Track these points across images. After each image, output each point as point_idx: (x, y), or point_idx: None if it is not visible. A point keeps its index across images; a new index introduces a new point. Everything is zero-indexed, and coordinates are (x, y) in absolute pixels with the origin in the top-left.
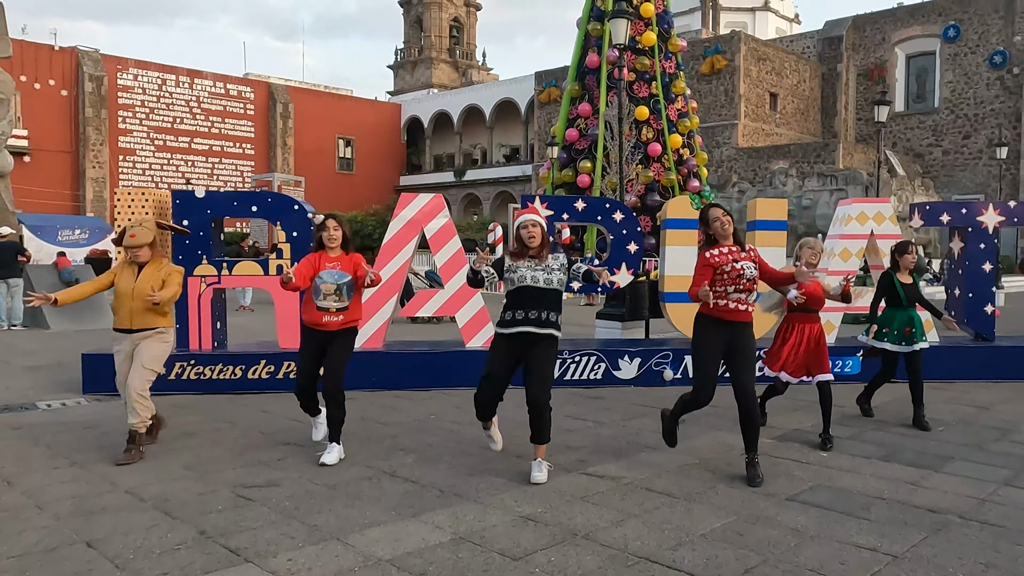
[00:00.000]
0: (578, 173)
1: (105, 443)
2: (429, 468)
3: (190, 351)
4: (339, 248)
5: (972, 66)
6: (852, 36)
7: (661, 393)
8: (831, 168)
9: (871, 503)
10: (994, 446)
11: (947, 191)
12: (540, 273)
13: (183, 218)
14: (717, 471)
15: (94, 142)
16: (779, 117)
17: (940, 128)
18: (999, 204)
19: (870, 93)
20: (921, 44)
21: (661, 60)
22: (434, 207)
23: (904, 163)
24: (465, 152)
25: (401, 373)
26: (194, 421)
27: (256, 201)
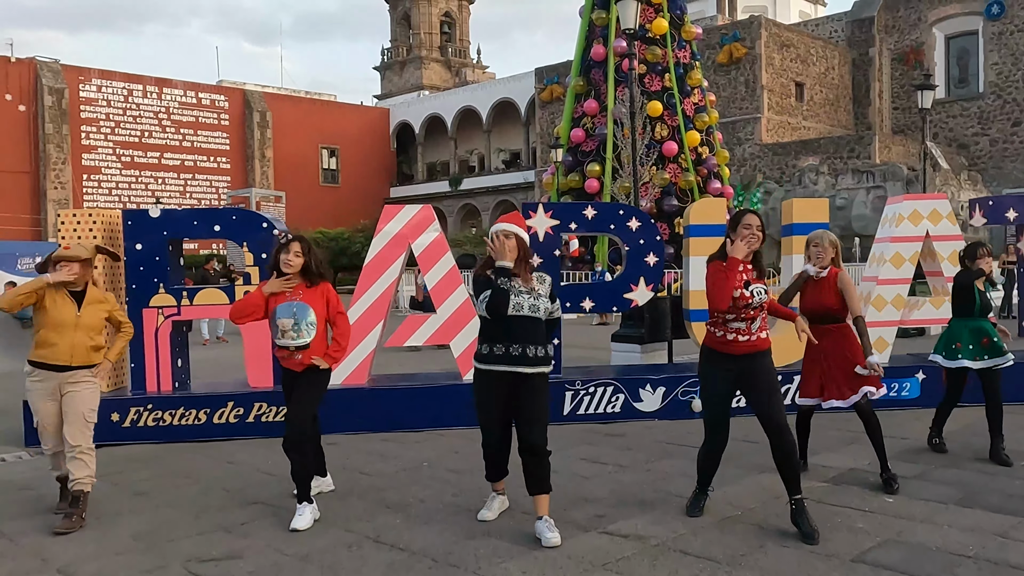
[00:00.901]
0: (586, 177)
1: (41, 507)
2: (420, 530)
3: (147, 394)
4: (298, 276)
5: (1020, 45)
6: (884, 17)
7: (690, 427)
8: (867, 163)
9: (955, 563)
10: None
11: (997, 185)
12: (526, 298)
13: (136, 241)
14: (765, 525)
15: (55, 160)
16: (807, 109)
17: (986, 115)
18: None
19: (906, 79)
20: (962, 23)
21: (674, 49)
22: (423, 219)
23: (947, 155)
24: (461, 159)
25: (389, 412)
26: (148, 477)
27: (218, 219)
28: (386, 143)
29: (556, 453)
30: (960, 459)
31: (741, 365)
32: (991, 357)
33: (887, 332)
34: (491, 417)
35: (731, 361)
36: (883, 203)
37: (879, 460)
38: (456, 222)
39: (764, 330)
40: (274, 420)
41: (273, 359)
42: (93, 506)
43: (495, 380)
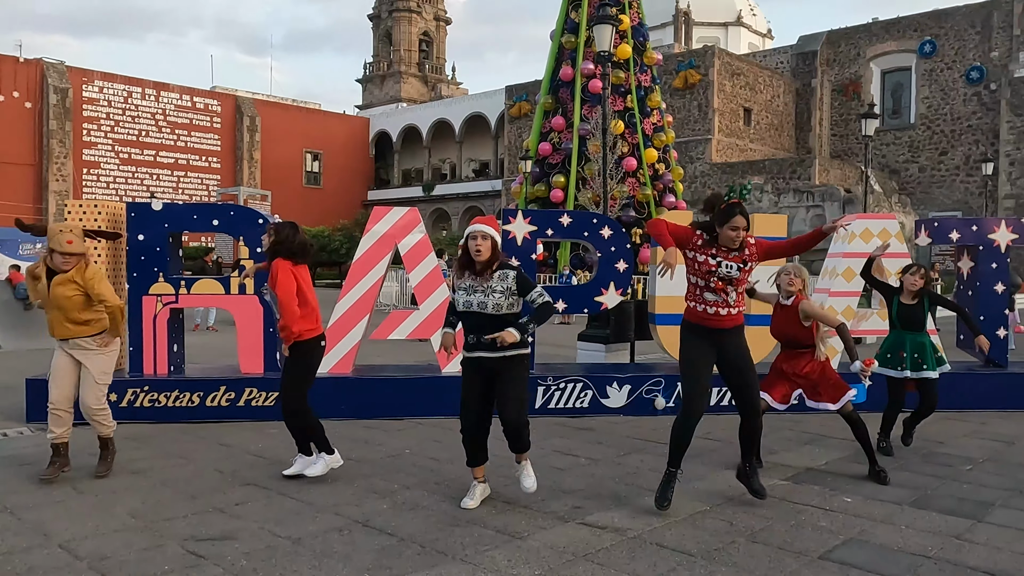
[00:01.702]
0: (551, 187)
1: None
2: (407, 516)
3: (144, 376)
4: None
5: (949, 82)
6: (826, 51)
7: (654, 423)
8: (807, 184)
9: (918, 563)
10: None
11: (923, 208)
12: (476, 296)
13: (139, 232)
14: (735, 520)
15: (58, 155)
16: (753, 132)
17: (916, 144)
18: (1012, 221)
19: (845, 109)
20: (897, 59)
21: (636, 73)
22: (409, 221)
23: (880, 179)
24: (434, 167)
25: (372, 401)
26: (145, 457)
27: (217, 214)
28: (366, 150)
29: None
30: (910, 462)
31: (716, 340)
32: (914, 371)
33: (837, 341)
34: (466, 399)
35: (709, 334)
36: (821, 221)
37: (868, 457)
38: (428, 225)
39: (739, 307)
40: (264, 404)
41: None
42: (90, 483)
43: (472, 364)
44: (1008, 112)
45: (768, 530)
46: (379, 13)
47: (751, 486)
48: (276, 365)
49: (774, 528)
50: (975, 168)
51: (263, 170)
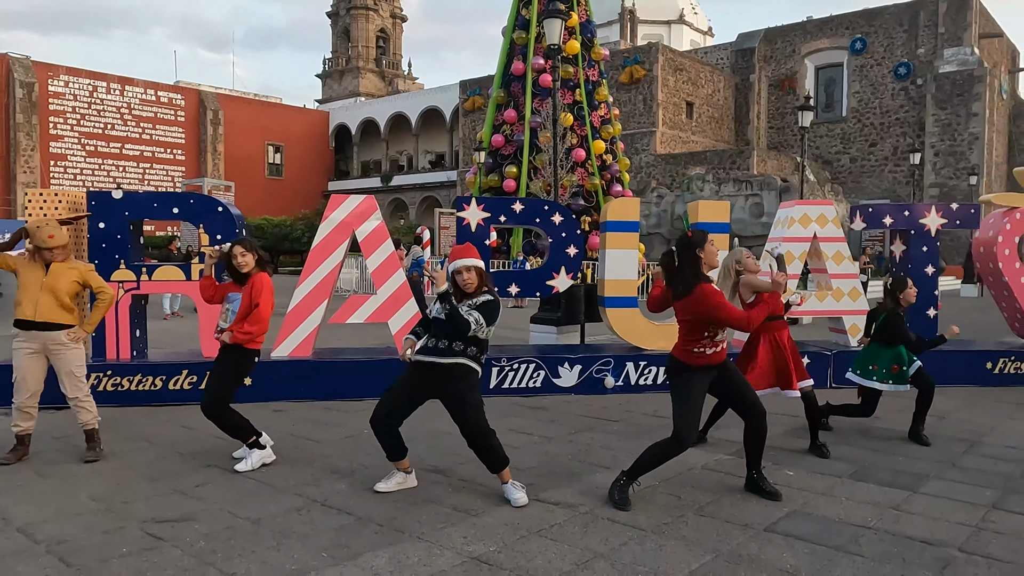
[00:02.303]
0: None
1: (5, 468)
2: (365, 496)
3: (107, 361)
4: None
5: (878, 77)
6: (764, 48)
7: (604, 402)
8: (746, 174)
9: (859, 534)
10: (966, 461)
11: (855, 196)
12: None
13: (99, 220)
14: (682, 496)
15: (25, 147)
16: (695, 125)
17: (848, 136)
18: (941, 206)
19: (781, 103)
20: (829, 56)
21: (585, 68)
22: (366, 209)
23: (814, 169)
24: (392, 158)
25: (332, 383)
26: (107, 440)
27: (177, 203)
28: (325, 142)
29: None
30: (848, 436)
31: (718, 368)
32: (899, 383)
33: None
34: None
35: (713, 369)
36: (759, 209)
37: (811, 433)
38: (387, 214)
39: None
40: None
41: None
42: (52, 467)
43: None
44: (933, 106)
45: (715, 504)
46: (337, 11)
47: (764, 490)
48: None
49: (721, 502)
50: (903, 158)
51: (226, 162)
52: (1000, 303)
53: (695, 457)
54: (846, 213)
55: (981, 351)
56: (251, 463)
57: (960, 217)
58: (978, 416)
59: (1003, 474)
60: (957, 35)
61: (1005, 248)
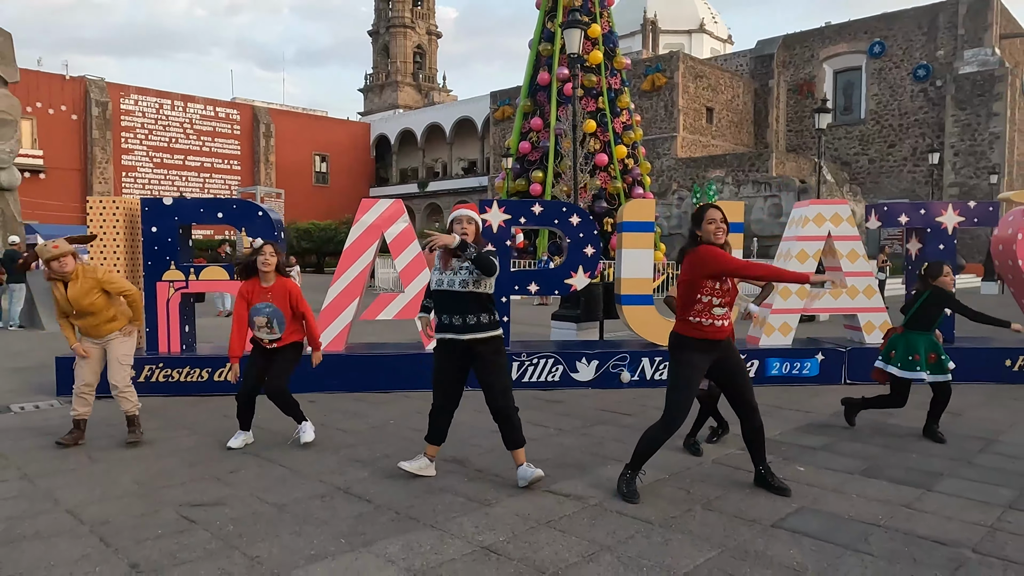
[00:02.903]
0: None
1: (61, 452)
2: (385, 484)
3: (159, 354)
4: (273, 274)
5: (896, 80)
6: (782, 54)
7: (619, 396)
8: (765, 176)
9: (868, 531)
10: (981, 459)
11: (873, 197)
12: (447, 275)
13: (152, 224)
14: (692, 490)
15: (100, 160)
16: (715, 130)
17: (866, 138)
18: (958, 204)
19: (800, 107)
20: (848, 60)
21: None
22: (394, 212)
23: (833, 171)
24: (428, 165)
25: (362, 376)
26: (154, 427)
27: (221, 208)
28: (367, 151)
29: None
30: (861, 432)
31: (719, 349)
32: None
33: (791, 318)
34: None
35: (712, 346)
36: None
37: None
38: (423, 218)
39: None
40: None
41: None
42: (102, 452)
43: (444, 345)
44: (953, 106)
45: (723, 499)
46: (377, 29)
47: (773, 486)
48: None
49: (729, 497)
50: (921, 159)
51: (277, 171)
52: (1020, 300)
53: (706, 451)
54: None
55: (1000, 348)
56: (309, 433)
57: (978, 215)
58: (995, 414)
59: (1020, 473)
60: (977, 36)
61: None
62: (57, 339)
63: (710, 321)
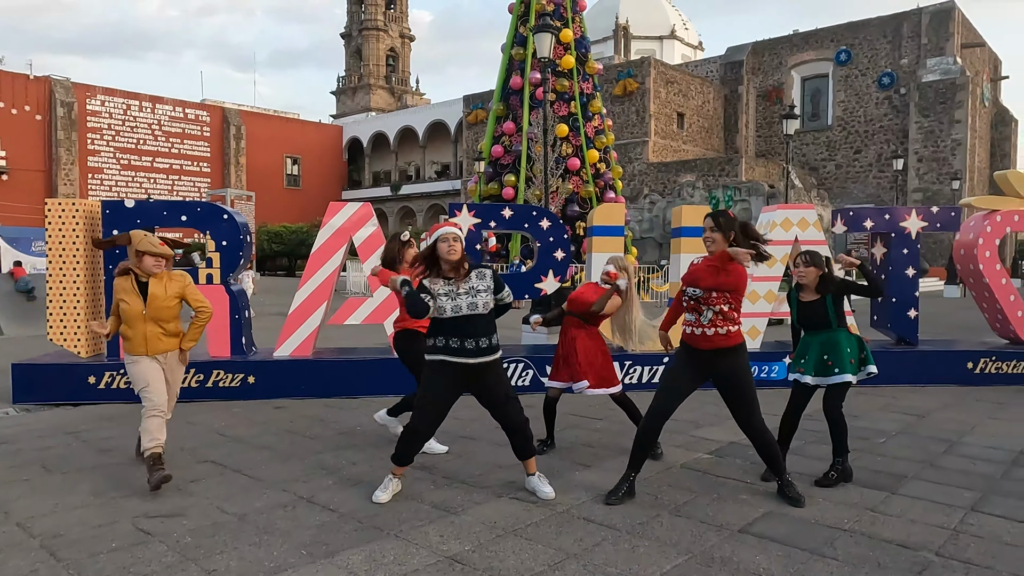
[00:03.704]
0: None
1: (18, 461)
2: (350, 492)
3: (119, 359)
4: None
5: (863, 87)
6: (752, 61)
7: (591, 401)
8: (735, 181)
9: (834, 536)
10: (945, 461)
11: (840, 202)
12: (465, 299)
13: (113, 228)
14: (659, 494)
15: (65, 161)
16: (686, 135)
17: (833, 144)
18: (922, 209)
19: (768, 113)
20: (815, 67)
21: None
22: (362, 216)
23: (801, 176)
24: (400, 169)
25: (330, 381)
26: (115, 436)
27: (185, 210)
28: (339, 154)
29: (473, 423)
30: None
31: (706, 360)
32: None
33: (759, 322)
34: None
35: (694, 354)
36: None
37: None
38: (396, 221)
39: (722, 326)
40: (230, 386)
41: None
42: (60, 462)
43: (449, 369)
44: (916, 114)
45: (691, 504)
46: (350, 32)
47: (788, 496)
48: (241, 349)
49: (697, 502)
50: (886, 165)
51: (248, 173)
52: (981, 304)
53: (674, 456)
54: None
55: (962, 351)
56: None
57: (941, 220)
58: (959, 415)
59: (983, 475)
60: (940, 45)
61: (986, 250)
62: (17, 344)
63: (690, 328)
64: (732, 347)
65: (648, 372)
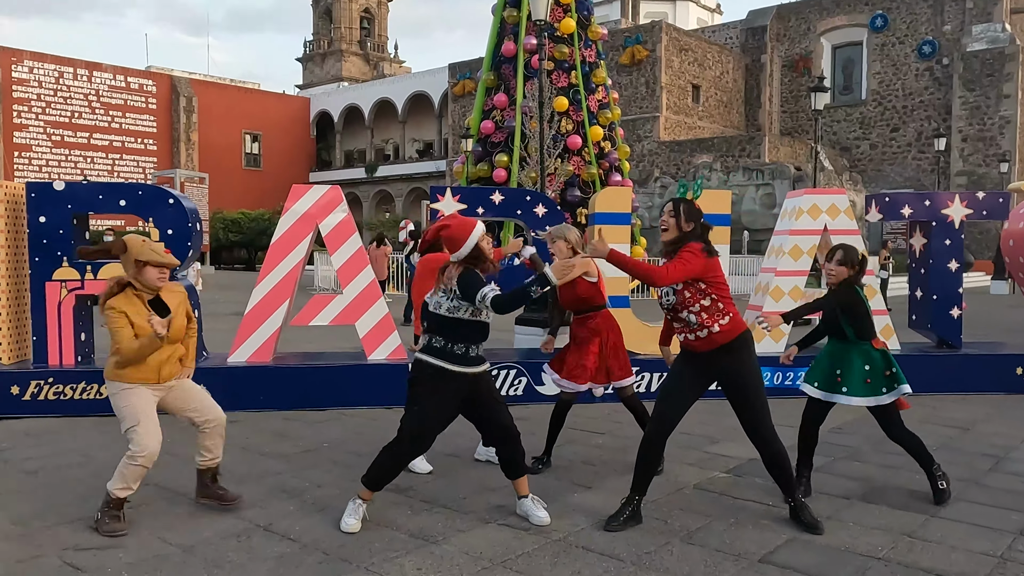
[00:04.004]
0: (494, 167)
1: None
2: (314, 519)
3: (48, 367)
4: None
5: (900, 57)
6: (776, 26)
7: (592, 411)
8: (756, 162)
9: (867, 566)
10: (991, 479)
11: (875, 186)
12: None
13: (40, 214)
14: (668, 519)
15: None
16: (702, 110)
17: (867, 121)
18: (966, 195)
19: (795, 85)
20: (848, 34)
21: (581, 48)
22: (331, 200)
23: (831, 157)
24: (377, 147)
25: (294, 391)
26: (42, 455)
27: (124, 194)
28: (306, 130)
29: (456, 437)
30: (859, 450)
31: (707, 359)
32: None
33: None
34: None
35: (695, 358)
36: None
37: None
38: (371, 207)
39: (712, 323)
40: None
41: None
42: None
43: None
44: (960, 87)
45: (706, 530)
46: None
47: (802, 520)
48: None
49: (712, 527)
50: (927, 144)
51: (201, 152)
52: None
53: (687, 475)
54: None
55: (1009, 355)
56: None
57: (987, 207)
58: (1006, 428)
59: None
60: (987, 10)
61: None
62: None
63: (684, 335)
64: (734, 340)
65: (658, 380)
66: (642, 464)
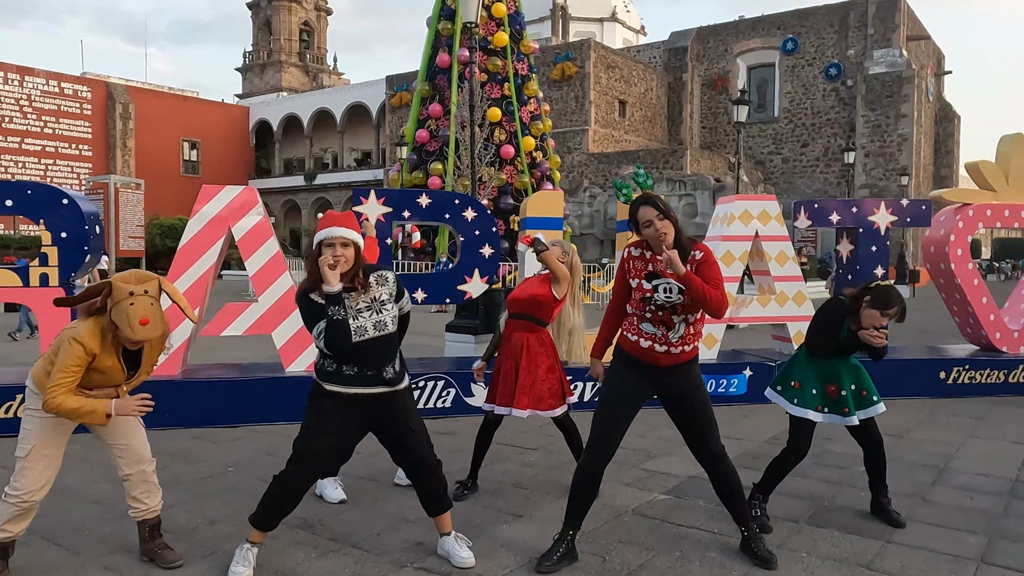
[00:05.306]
0: (429, 175)
1: None
2: (198, 567)
3: None
4: None
5: (809, 78)
6: (696, 47)
7: (522, 425)
8: (679, 174)
9: None
10: (937, 494)
11: (787, 197)
12: (369, 316)
13: None
14: (607, 555)
15: None
16: (628, 124)
17: (780, 137)
18: (891, 203)
19: (714, 102)
20: (761, 56)
21: (514, 61)
22: (245, 202)
23: (747, 169)
24: (316, 156)
25: (203, 407)
26: None
27: (10, 194)
28: (246, 138)
29: (374, 457)
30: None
31: (656, 376)
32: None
33: (716, 329)
34: (326, 446)
35: (644, 369)
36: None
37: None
38: (311, 214)
39: (696, 339)
40: None
41: None
42: None
43: (350, 402)
44: (863, 107)
45: (648, 567)
46: (258, 2)
47: (755, 554)
48: None
49: (655, 564)
50: (834, 159)
51: (137, 158)
52: (951, 307)
53: (625, 497)
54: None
55: (934, 360)
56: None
57: (911, 214)
58: (939, 434)
59: (983, 512)
60: (886, 36)
61: (958, 248)
62: None
63: (635, 337)
64: (690, 360)
65: (591, 389)
66: (578, 497)
